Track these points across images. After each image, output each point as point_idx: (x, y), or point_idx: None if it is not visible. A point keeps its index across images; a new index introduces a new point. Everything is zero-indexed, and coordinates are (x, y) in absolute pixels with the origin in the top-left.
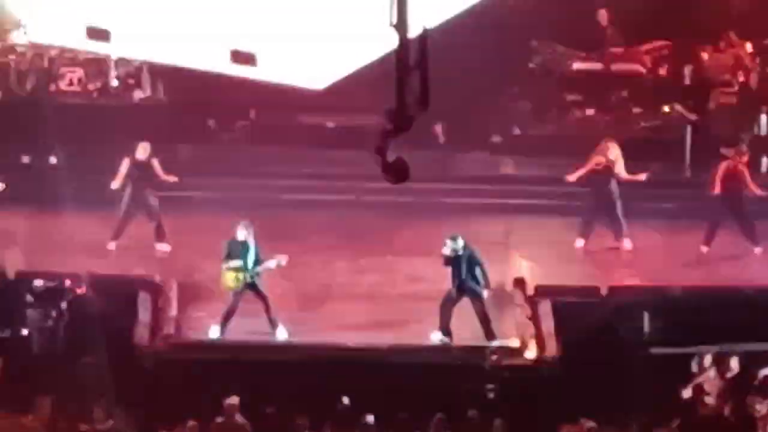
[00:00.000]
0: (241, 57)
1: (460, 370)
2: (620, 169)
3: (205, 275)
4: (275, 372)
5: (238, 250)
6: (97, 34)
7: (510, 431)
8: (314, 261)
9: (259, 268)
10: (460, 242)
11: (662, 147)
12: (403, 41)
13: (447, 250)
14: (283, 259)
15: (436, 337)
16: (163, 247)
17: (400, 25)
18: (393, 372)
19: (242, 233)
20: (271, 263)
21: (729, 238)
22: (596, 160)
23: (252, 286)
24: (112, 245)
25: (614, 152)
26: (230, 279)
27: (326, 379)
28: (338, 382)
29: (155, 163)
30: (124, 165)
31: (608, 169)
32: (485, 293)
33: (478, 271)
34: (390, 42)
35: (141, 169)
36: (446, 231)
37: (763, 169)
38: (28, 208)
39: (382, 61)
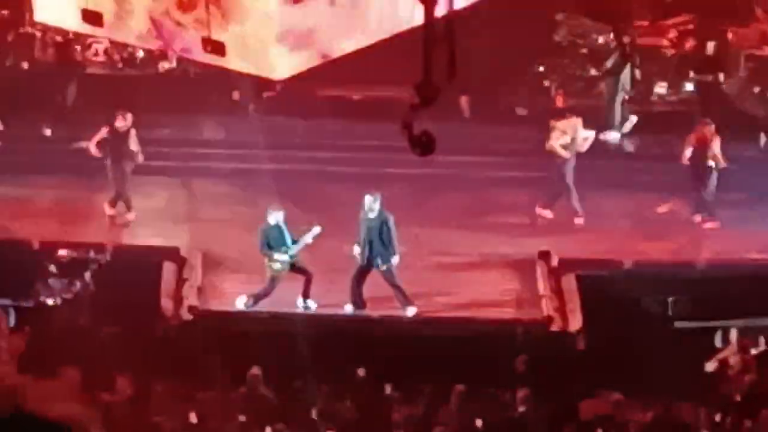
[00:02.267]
0: (211, 45)
1: (484, 343)
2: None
3: (230, 245)
4: (300, 343)
5: (274, 235)
6: (91, 17)
7: (533, 404)
8: (339, 233)
9: (297, 247)
10: (377, 206)
11: (685, 120)
12: (430, 15)
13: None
14: (316, 229)
15: (348, 309)
16: (130, 216)
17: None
18: (417, 343)
19: (273, 217)
20: (307, 238)
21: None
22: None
23: (293, 266)
24: (111, 211)
25: (577, 127)
26: (276, 265)
27: (350, 350)
28: (362, 353)
29: (132, 133)
30: (102, 132)
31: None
32: (393, 260)
33: (387, 238)
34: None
35: (118, 139)
36: (472, 204)
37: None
38: (52, 179)
39: (409, 34)
